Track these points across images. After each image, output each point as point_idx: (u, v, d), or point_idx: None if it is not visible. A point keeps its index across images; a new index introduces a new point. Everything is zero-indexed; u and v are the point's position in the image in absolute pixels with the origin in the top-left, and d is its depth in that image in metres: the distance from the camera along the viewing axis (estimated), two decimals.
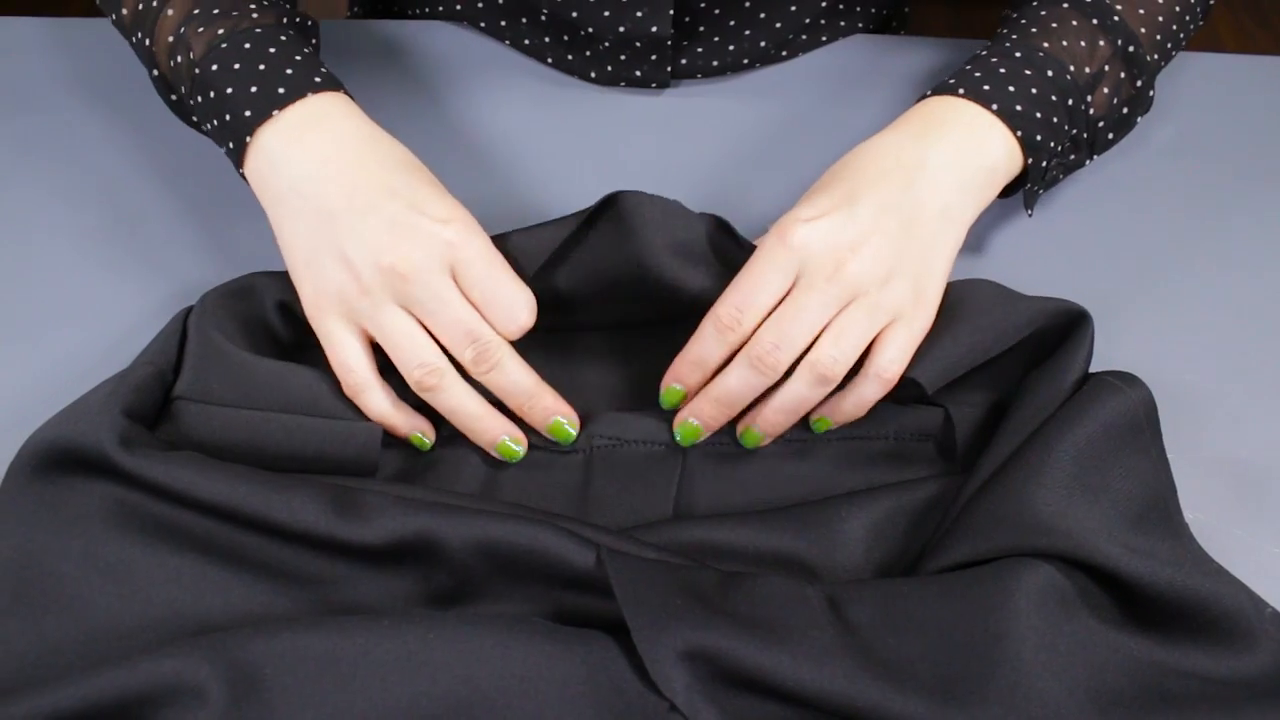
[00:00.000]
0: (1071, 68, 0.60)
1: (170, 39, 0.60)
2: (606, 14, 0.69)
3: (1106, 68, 0.62)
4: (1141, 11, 0.64)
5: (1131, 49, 0.62)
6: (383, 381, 0.53)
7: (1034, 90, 0.59)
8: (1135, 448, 0.51)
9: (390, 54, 0.75)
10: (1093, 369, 0.55)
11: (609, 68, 0.72)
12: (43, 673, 0.45)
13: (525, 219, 0.65)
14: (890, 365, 0.52)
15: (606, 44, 0.70)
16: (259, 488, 0.48)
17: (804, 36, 0.75)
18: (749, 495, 0.55)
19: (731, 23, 0.72)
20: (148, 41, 0.61)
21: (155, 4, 0.61)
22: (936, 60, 0.75)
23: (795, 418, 0.54)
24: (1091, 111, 0.61)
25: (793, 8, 0.72)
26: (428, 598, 0.49)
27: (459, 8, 0.76)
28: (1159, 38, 0.64)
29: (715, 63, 0.73)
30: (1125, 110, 0.64)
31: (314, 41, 0.63)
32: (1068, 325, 0.55)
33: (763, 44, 0.73)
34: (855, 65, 0.75)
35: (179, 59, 0.59)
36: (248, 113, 0.56)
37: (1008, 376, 0.56)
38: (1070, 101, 0.60)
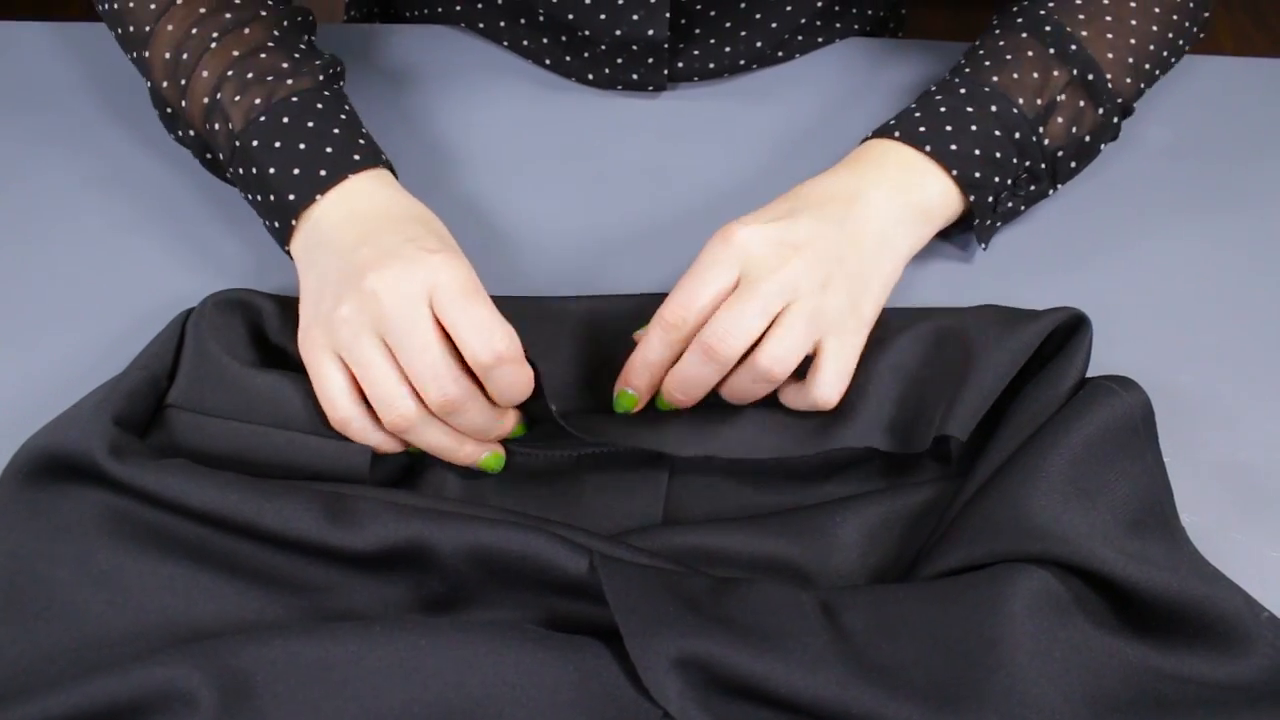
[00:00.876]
0: (1021, 100, 0.61)
1: (205, 101, 0.60)
2: (603, 17, 0.69)
3: (1061, 97, 0.61)
4: (1110, 36, 0.63)
5: (1091, 77, 0.62)
6: (364, 411, 0.53)
7: (974, 128, 0.60)
8: (1131, 452, 0.51)
9: (388, 58, 0.75)
10: (1089, 373, 0.55)
11: (605, 70, 0.72)
12: (34, 680, 0.45)
13: (522, 222, 0.66)
14: (830, 391, 0.53)
15: (603, 47, 0.70)
16: (250, 495, 0.48)
17: (800, 38, 0.75)
18: (739, 501, 0.54)
19: (728, 24, 0.72)
20: (183, 103, 0.61)
21: (185, 59, 0.61)
22: (933, 63, 0.75)
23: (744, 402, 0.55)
24: (1047, 143, 0.61)
25: (788, 8, 0.72)
26: (420, 604, 0.49)
27: (458, 9, 0.76)
28: (1131, 61, 0.63)
29: (711, 65, 0.73)
30: (1088, 139, 0.63)
31: (338, 73, 0.63)
32: (1067, 329, 0.55)
33: (758, 45, 0.73)
34: (852, 68, 0.75)
35: (216, 125, 0.60)
36: (291, 196, 0.57)
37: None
38: (1018, 135, 0.60)
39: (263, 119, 0.58)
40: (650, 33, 0.69)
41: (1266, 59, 0.77)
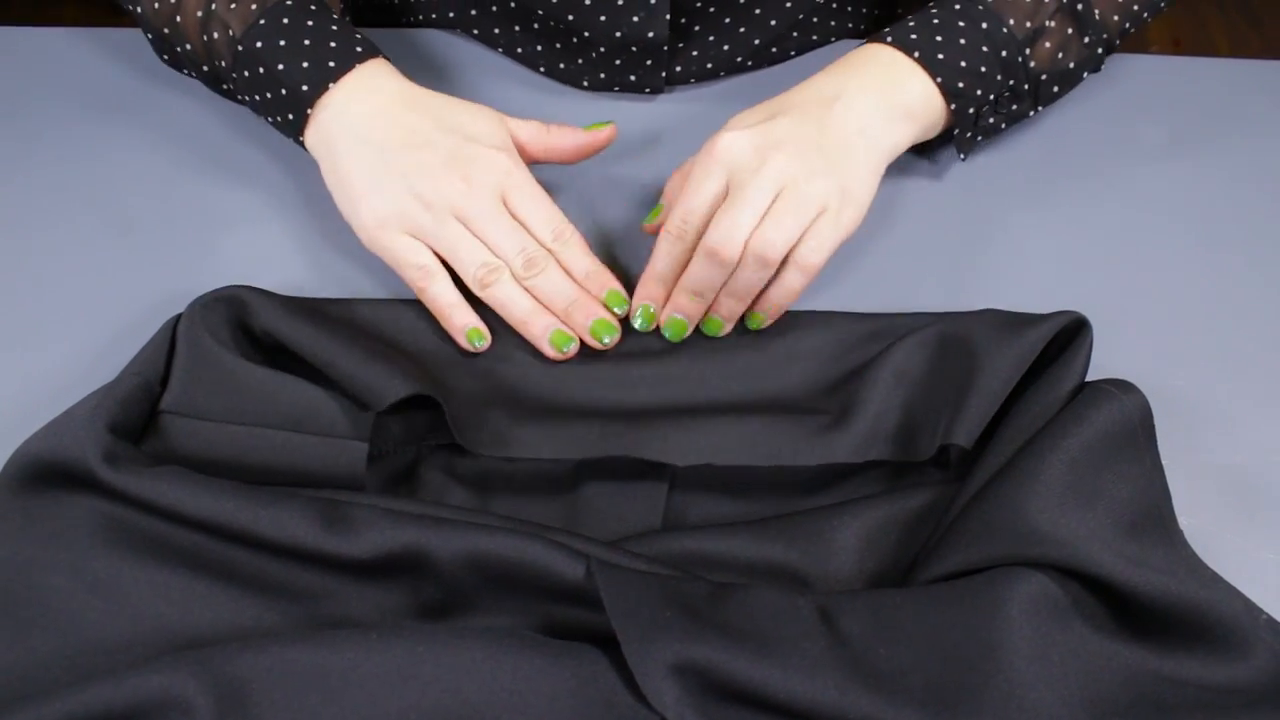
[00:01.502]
0: (1011, 21, 0.63)
1: (199, 14, 0.63)
2: (602, 18, 0.68)
3: (1050, 23, 0.64)
4: None
5: (1080, 6, 0.64)
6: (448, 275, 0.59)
7: (963, 41, 0.62)
8: (1130, 455, 0.51)
9: None
10: (1088, 376, 0.54)
11: (603, 75, 0.72)
12: (29, 687, 0.45)
13: None
14: (811, 254, 0.57)
15: (602, 49, 0.70)
16: (245, 503, 0.48)
17: (796, 35, 0.75)
18: (738, 506, 0.54)
19: (727, 20, 0.71)
20: (177, 18, 0.64)
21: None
22: None
23: (746, 301, 0.59)
24: (1032, 65, 0.63)
25: (788, 4, 0.72)
26: (417, 611, 0.49)
27: (451, 15, 0.76)
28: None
29: (709, 64, 0.73)
30: (1071, 65, 0.65)
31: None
32: (1067, 333, 0.55)
33: (756, 43, 0.73)
34: None
35: (215, 34, 0.63)
36: (304, 87, 0.61)
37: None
38: (1005, 54, 0.63)
39: (262, 21, 0.62)
40: (650, 34, 0.69)
41: (1261, 60, 0.77)
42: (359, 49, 0.62)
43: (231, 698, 0.43)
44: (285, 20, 0.62)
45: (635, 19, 0.68)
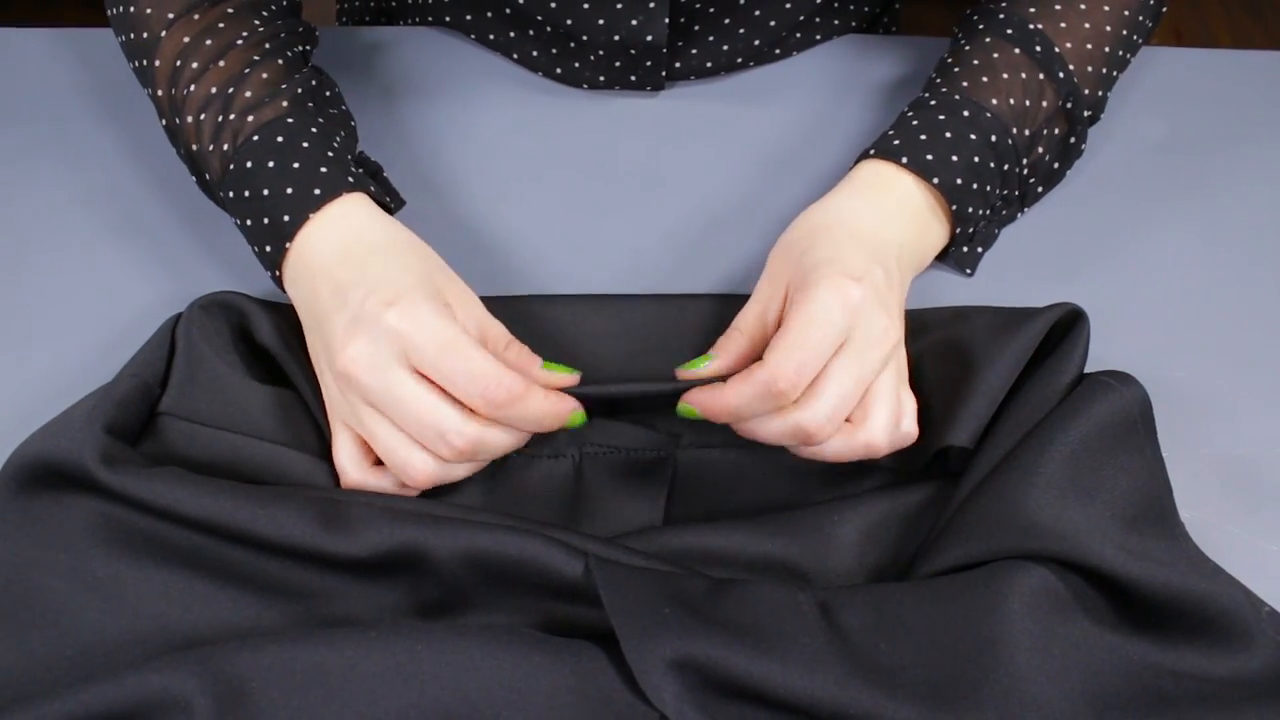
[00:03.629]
0: (1015, 130, 0.60)
1: (195, 148, 0.59)
2: (601, 22, 0.68)
3: (1045, 130, 0.61)
4: (1089, 47, 0.62)
5: (1071, 105, 0.61)
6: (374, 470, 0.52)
7: (976, 160, 0.59)
8: (1130, 447, 0.51)
9: (380, 61, 0.75)
10: (1086, 368, 0.54)
11: (602, 77, 0.72)
12: (29, 688, 0.45)
13: (518, 225, 0.65)
14: (913, 429, 0.52)
15: (601, 52, 0.70)
16: (243, 502, 0.48)
17: (798, 35, 0.75)
18: (740, 501, 0.54)
19: (727, 20, 0.71)
20: (177, 120, 0.60)
21: (182, 70, 0.59)
22: (928, 60, 0.75)
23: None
24: (1025, 172, 0.61)
25: (788, 5, 0.72)
26: (416, 609, 0.49)
27: (447, 19, 0.76)
28: (1104, 71, 0.63)
29: (709, 64, 0.73)
30: (1056, 165, 0.63)
31: (328, 87, 0.62)
32: (1065, 325, 0.55)
33: (757, 43, 0.73)
34: (848, 66, 0.75)
35: (208, 177, 0.59)
36: (268, 248, 0.55)
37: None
38: (1006, 166, 0.60)
39: (232, 167, 0.56)
40: (649, 38, 0.68)
41: (1263, 52, 0.77)
42: (317, 191, 0.55)
43: (231, 697, 0.43)
44: (280, 139, 0.56)
45: (634, 22, 0.68)
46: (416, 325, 0.49)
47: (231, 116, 0.57)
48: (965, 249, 0.62)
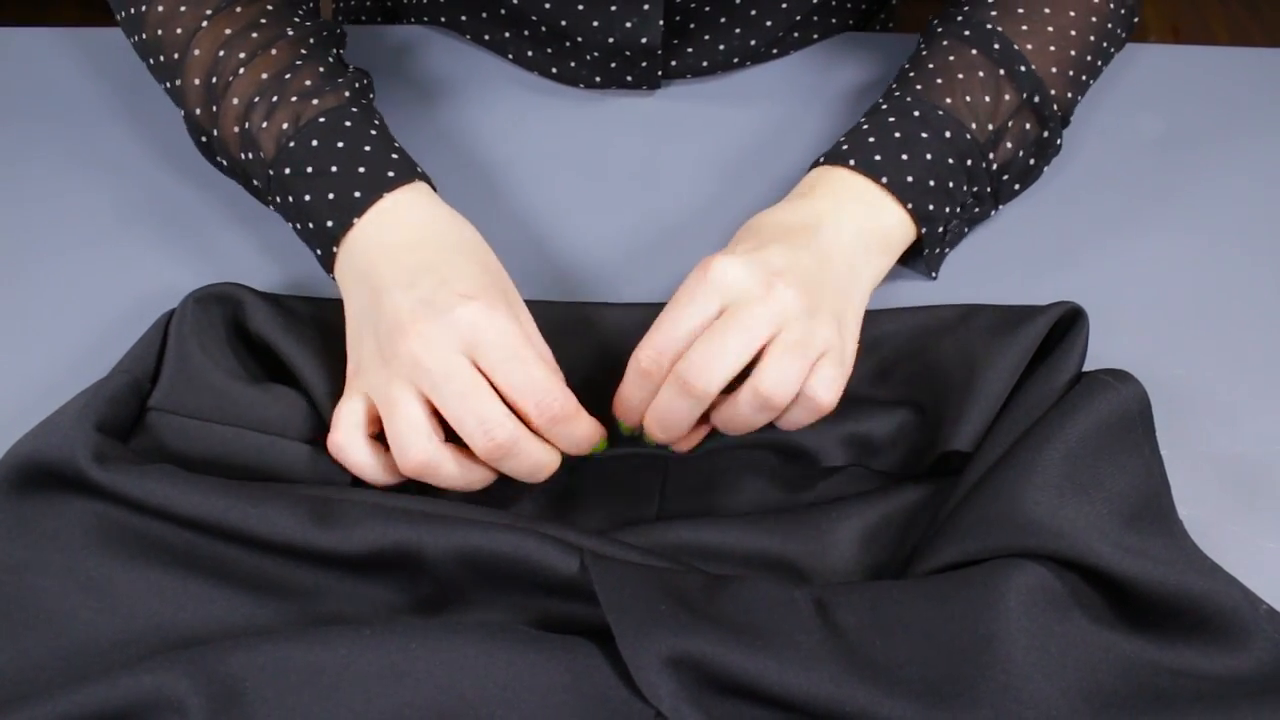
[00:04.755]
0: (973, 125, 0.59)
1: (236, 130, 0.59)
2: (596, 24, 0.68)
3: (1010, 123, 0.61)
4: (1052, 49, 0.62)
5: (1038, 99, 0.61)
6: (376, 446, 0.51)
7: (929, 156, 0.58)
8: (1128, 445, 0.51)
9: (375, 59, 0.74)
10: (1085, 366, 0.54)
11: (598, 77, 0.72)
12: (22, 689, 0.45)
13: (515, 222, 0.65)
14: (825, 392, 0.51)
15: (596, 53, 0.70)
16: (236, 501, 0.47)
17: (795, 34, 0.74)
18: (735, 498, 0.54)
19: (723, 20, 0.71)
20: (216, 132, 0.60)
21: (216, 83, 0.59)
22: None
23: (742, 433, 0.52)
24: (994, 168, 0.61)
25: (784, 5, 0.72)
26: (411, 606, 0.48)
27: (442, 20, 0.76)
28: (1072, 73, 0.63)
29: (705, 63, 0.73)
30: (1031, 161, 0.63)
31: (365, 86, 0.62)
32: (1064, 323, 0.55)
33: (753, 43, 0.73)
34: (844, 64, 0.75)
35: (250, 155, 0.59)
36: (329, 223, 0.55)
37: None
38: (969, 162, 0.59)
39: (292, 144, 0.57)
40: (644, 40, 0.68)
41: (1261, 49, 0.77)
42: (390, 173, 0.56)
43: (225, 696, 0.43)
44: (315, 143, 0.57)
45: (629, 24, 0.68)
46: (490, 323, 0.50)
47: (293, 99, 0.58)
48: (937, 250, 0.61)
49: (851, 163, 0.58)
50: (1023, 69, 0.61)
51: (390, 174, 0.56)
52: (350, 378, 0.53)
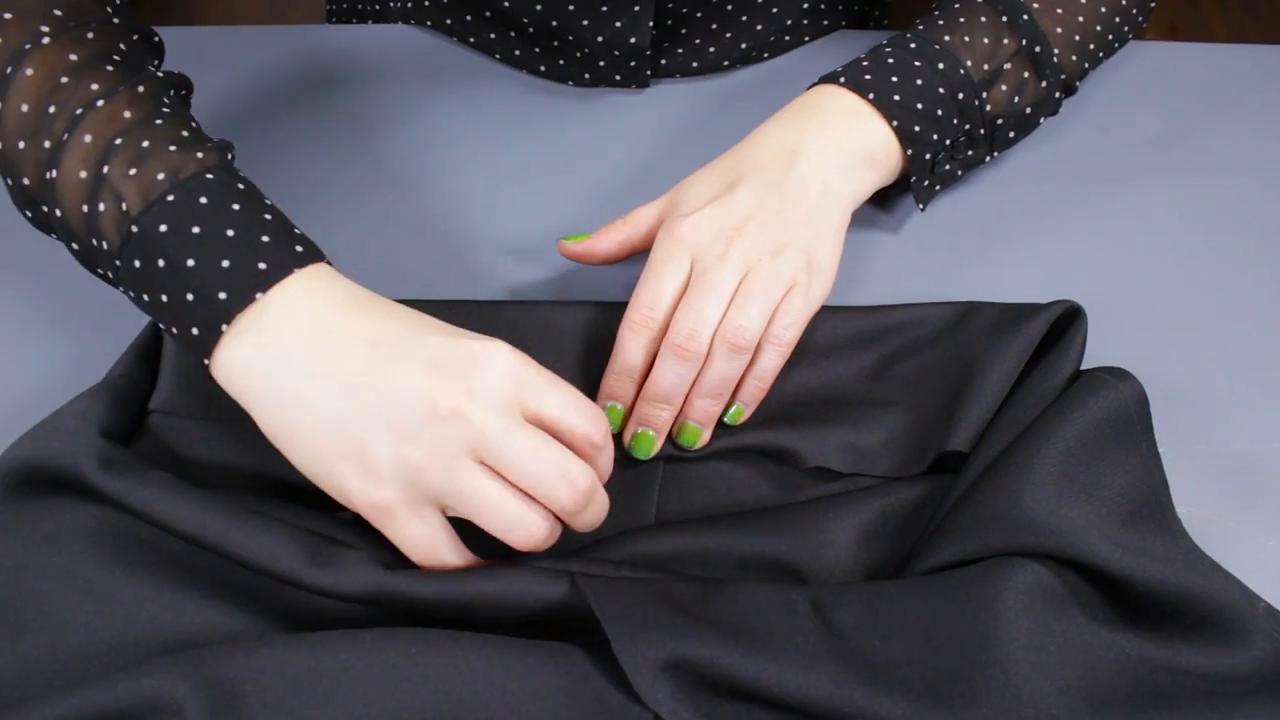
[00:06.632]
0: (968, 62, 0.61)
1: (83, 174, 0.48)
2: (585, 23, 0.68)
3: (1007, 66, 0.62)
4: (1060, 12, 0.63)
5: (1038, 49, 0.62)
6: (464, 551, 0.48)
7: (919, 81, 0.60)
8: (1126, 443, 0.51)
9: (367, 59, 0.74)
10: (1083, 364, 0.54)
11: (587, 75, 0.72)
12: (21, 692, 0.45)
13: (507, 222, 0.65)
14: (786, 330, 0.54)
15: (586, 51, 0.70)
16: (238, 525, 0.46)
17: (787, 38, 0.74)
18: (732, 499, 0.54)
19: (713, 25, 0.71)
20: (49, 174, 0.49)
21: (54, 114, 0.49)
22: None
23: (723, 399, 0.54)
24: (989, 108, 0.61)
25: (774, 10, 0.72)
26: (407, 620, 0.48)
27: (428, 23, 0.75)
28: (1078, 39, 0.63)
29: (695, 64, 0.73)
30: (1029, 110, 0.63)
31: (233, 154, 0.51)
32: (1062, 321, 0.55)
33: (743, 46, 0.73)
34: (836, 62, 0.74)
35: (102, 206, 0.48)
36: (222, 295, 0.46)
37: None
38: (961, 96, 0.60)
39: (170, 198, 0.47)
40: (633, 40, 0.68)
41: (1259, 45, 0.77)
42: (299, 248, 0.48)
43: (224, 700, 0.42)
44: (204, 200, 0.47)
45: (618, 24, 0.68)
46: (525, 360, 0.46)
47: (133, 171, 0.48)
48: (926, 182, 0.62)
49: (842, 80, 0.60)
50: (1025, 18, 0.62)
51: (298, 249, 0.48)
52: (376, 497, 0.45)
